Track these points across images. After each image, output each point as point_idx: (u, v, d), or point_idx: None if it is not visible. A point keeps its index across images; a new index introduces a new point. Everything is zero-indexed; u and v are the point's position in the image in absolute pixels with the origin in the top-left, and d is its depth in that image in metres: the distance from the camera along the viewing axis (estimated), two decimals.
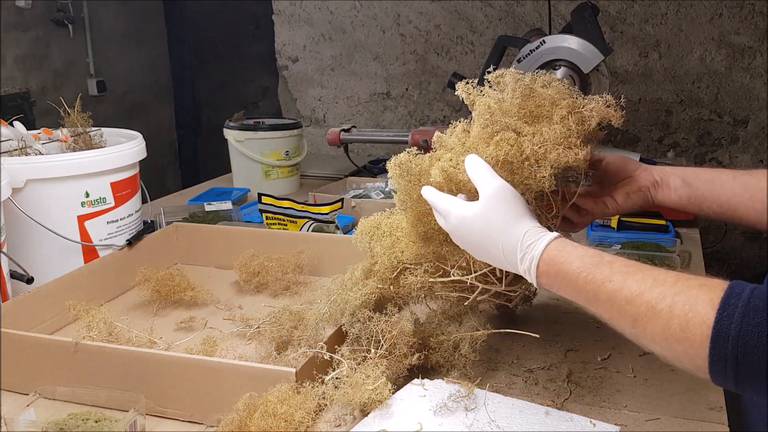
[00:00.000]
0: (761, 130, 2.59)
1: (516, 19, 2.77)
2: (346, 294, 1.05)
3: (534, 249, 0.82)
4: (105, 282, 1.31)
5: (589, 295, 0.77)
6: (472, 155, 0.90)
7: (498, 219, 0.85)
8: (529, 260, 0.82)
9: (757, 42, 2.51)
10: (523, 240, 0.83)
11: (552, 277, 0.81)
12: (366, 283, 1.04)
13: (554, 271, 0.80)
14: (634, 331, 0.73)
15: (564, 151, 0.92)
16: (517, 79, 0.97)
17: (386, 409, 0.90)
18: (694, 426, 0.89)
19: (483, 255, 0.88)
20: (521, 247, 0.83)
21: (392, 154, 1.05)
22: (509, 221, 0.84)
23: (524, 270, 0.83)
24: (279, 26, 3.13)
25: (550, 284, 0.82)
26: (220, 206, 1.75)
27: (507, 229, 0.84)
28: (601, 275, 0.76)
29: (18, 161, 1.30)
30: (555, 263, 0.80)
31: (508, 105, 0.94)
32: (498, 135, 0.91)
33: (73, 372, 0.96)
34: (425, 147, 1.86)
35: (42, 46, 3.11)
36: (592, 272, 0.77)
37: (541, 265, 0.81)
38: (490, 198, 0.86)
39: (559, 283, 0.81)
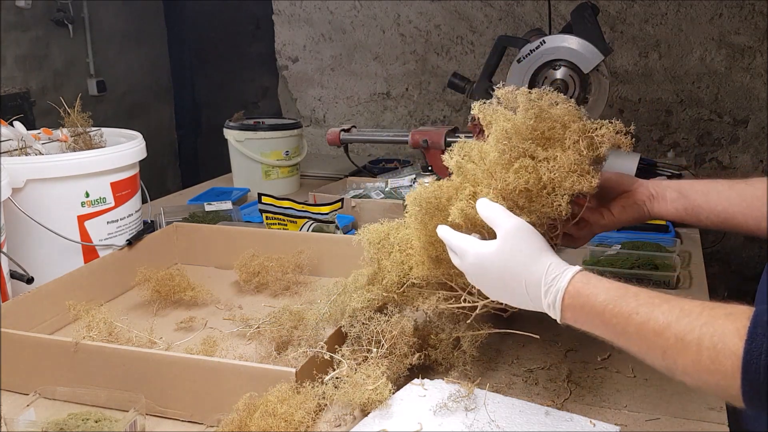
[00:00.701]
0: (761, 130, 2.59)
1: (516, 19, 2.77)
2: (349, 297, 1.05)
3: (559, 282, 0.80)
4: (105, 282, 1.31)
5: (617, 329, 0.76)
6: (483, 200, 0.89)
7: (518, 255, 0.83)
8: (553, 294, 0.80)
9: (757, 42, 2.51)
10: (547, 273, 0.81)
11: (578, 310, 0.79)
12: (370, 289, 1.04)
13: (580, 304, 0.79)
14: (664, 363, 0.73)
15: (578, 178, 0.91)
16: (530, 99, 0.96)
17: (386, 409, 0.90)
18: (694, 426, 0.89)
19: (501, 293, 0.86)
20: (545, 281, 0.81)
21: (392, 154, 1.04)
22: (530, 256, 0.83)
23: (548, 304, 0.81)
24: (279, 26, 3.13)
25: (576, 318, 0.80)
26: (220, 206, 1.75)
27: (529, 264, 0.83)
28: (628, 308, 0.75)
29: (18, 161, 1.30)
30: (580, 296, 0.79)
31: (522, 127, 0.94)
32: (517, 162, 0.91)
33: (73, 372, 0.96)
34: (425, 147, 1.86)
35: (42, 46, 3.11)
36: (618, 305, 0.76)
37: (567, 299, 0.80)
38: (509, 235, 0.84)
39: (584, 317, 0.79)
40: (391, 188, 1.82)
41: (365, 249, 1.07)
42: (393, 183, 1.85)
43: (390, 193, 1.79)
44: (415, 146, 1.90)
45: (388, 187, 1.84)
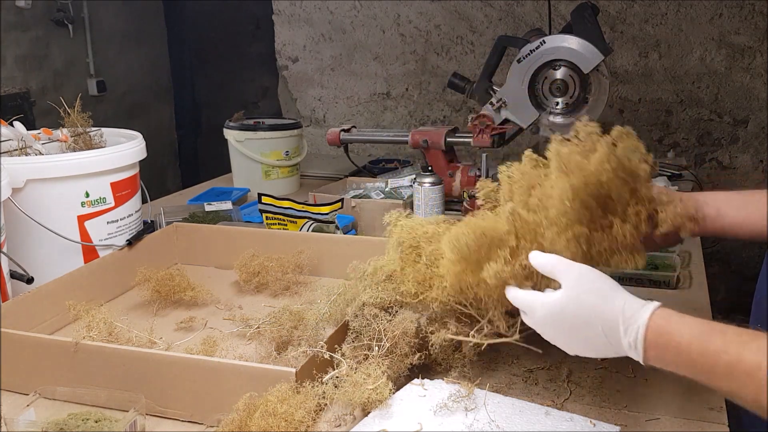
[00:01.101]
0: (761, 130, 2.59)
1: (516, 19, 2.77)
2: (362, 287, 1.03)
3: (638, 319, 0.77)
4: (105, 282, 1.31)
5: (705, 368, 0.73)
6: (536, 253, 0.86)
7: (590, 299, 0.80)
8: (634, 331, 0.76)
9: (757, 42, 2.51)
10: (624, 311, 0.78)
11: (662, 348, 0.76)
12: (385, 288, 1.02)
13: (663, 342, 0.75)
14: (756, 404, 0.71)
15: (627, 256, 0.89)
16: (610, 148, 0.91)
17: (386, 409, 0.90)
18: (694, 426, 0.89)
19: (578, 344, 0.83)
20: (623, 319, 0.77)
21: (392, 154, 1.03)
22: (603, 297, 0.80)
23: (629, 344, 0.77)
24: (279, 26, 3.13)
25: (660, 356, 0.76)
26: (220, 206, 1.75)
27: (601, 305, 0.79)
28: (715, 346, 0.72)
29: (18, 161, 1.30)
30: (663, 333, 0.76)
31: (592, 184, 0.88)
32: (571, 230, 0.86)
33: (73, 372, 0.96)
34: (425, 147, 1.86)
35: (42, 46, 3.11)
36: (704, 343, 0.73)
37: (649, 336, 0.76)
38: (574, 281, 0.81)
39: (669, 356, 0.76)
40: (391, 188, 1.82)
41: (390, 245, 1.05)
42: (393, 183, 1.85)
43: (390, 193, 1.79)
44: (415, 146, 1.90)
45: (388, 187, 1.84)
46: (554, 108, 1.77)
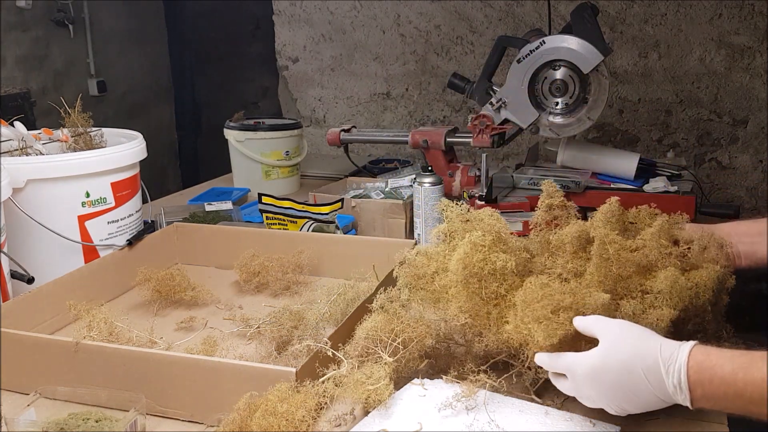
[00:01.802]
0: (761, 130, 2.59)
1: (516, 19, 2.77)
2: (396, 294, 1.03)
3: (678, 357, 0.77)
4: (105, 282, 1.32)
5: (754, 397, 0.72)
6: (578, 318, 0.86)
7: (628, 346, 0.80)
8: (677, 371, 0.76)
9: (757, 42, 2.51)
10: (662, 352, 0.78)
11: (707, 385, 0.75)
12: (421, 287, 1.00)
13: (708, 378, 0.75)
14: None
15: (655, 311, 0.92)
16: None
17: (386, 409, 0.90)
18: (693, 426, 0.89)
19: (623, 397, 0.81)
20: (662, 360, 0.77)
21: (392, 154, 1.03)
22: (640, 343, 0.80)
23: (674, 386, 0.77)
24: (279, 26, 3.13)
25: (707, 394, 0.76)
26: (220, 206, 1.75)
27: (641, 349, 0.79)
28: (761, 373, 0.72)
29: (18, 161, 1.30)
30: (706, 369, 0.75)
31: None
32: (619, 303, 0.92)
33: (73, 372, 0.96)
34: (425, 147, 1.86)
35: (42, 46, 3.11)
36: (749, 372, 0.73)
37: (692, 374, 0.76)
38: (611, 334, 0.82)
39: (716, 390, 0.75)
40: (391, 188, 1.82)
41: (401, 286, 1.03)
42: (393, 183, 1.86)
43: (390, 193, 1.79)
44: (415, 146, 1.90)
45: (388, 187, 1.84)
46: (554, 108, 1.77)
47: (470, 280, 0.92)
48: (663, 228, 1.00)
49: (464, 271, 0.91)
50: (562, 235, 1.01)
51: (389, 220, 1.64)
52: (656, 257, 0.98)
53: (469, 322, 0.94)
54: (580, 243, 0.99)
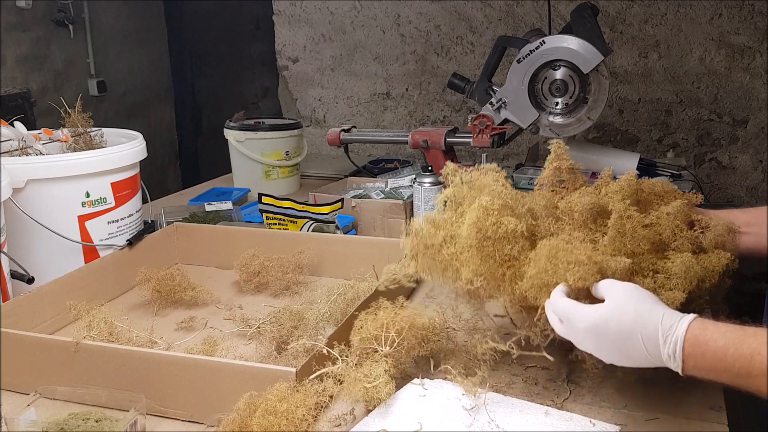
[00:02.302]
0: (761, 130, 2.59)
1: (516, 19, 2.77)
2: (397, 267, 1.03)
3: (677, 330, 0.79)
4: (105, 282, 1.32)
5: (741, 372, 0.75)
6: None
7: (631, 311, 0.82)
8: (672, 343, 0.79)
9: (757, 42, 2.51)
10: (663, 322, 0.81)
11: (699, 358, 0.78)
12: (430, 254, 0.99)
13: (701, 352, 0.78)
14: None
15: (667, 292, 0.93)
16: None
17: (386, 408, 0.90)
18: (694, 426, 0.89)
19: (617, 354, 0.84)
20: (662, 331, 0.80)
21: (392, 154, 1.03)
22: (644, 310, 0.82)
23: (668, 354, 0.80)
24: (279, 26, 3.13)
25: (698, 365, 0.79)
26: (220, 206, 1.75)
27: (643, 317, 0.82)
28: (749, 349, 0.75)
29: (18, 161, 1.30)
30: (700, 343, 0.78)
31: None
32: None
33: (73, 372, 0.96)
34: (425, 147, 1.86)
35: (42, 46, 3.11)
36: (739, 347, 0.75)
37: (687, 347, 0.79)
38: (619, 295, 0.84)
39: (707, 363, 0.78)
40: (391, 188, 1.83)
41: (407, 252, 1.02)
42: (393, 183, 1.86)
43: (390, 193, 1.79)
44: (415, 146, 1.90)
45: (388, 187, 1.84)
46: (554, 108, 1.77)
47: (484, 243, 0.92)
48: (681, 210, 1.02)
49: (478, 234, 0.92)
50: (571, 202, 1.00)
51: (389, 220, 1.64)
52: (669, 238, 0.99)
53: (483, 285, 0.94)
54: (592, 215, 0.98)
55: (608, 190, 1.03)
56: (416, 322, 0.97)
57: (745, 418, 1.18)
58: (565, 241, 0.91)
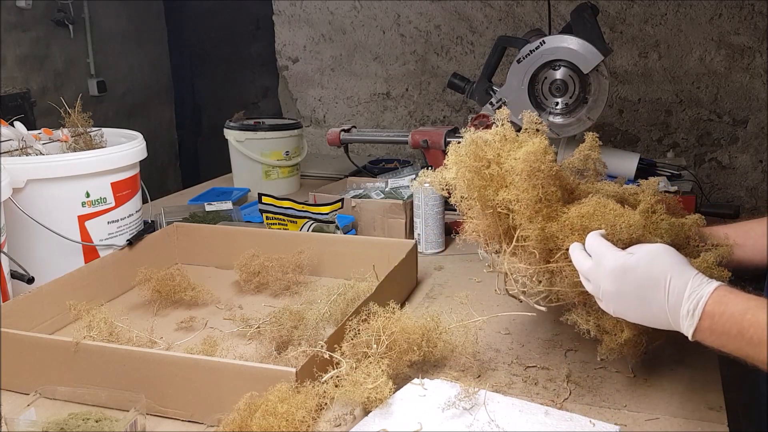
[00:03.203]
0: (761, 130, 2.59)
1: (516, 19, 2.77)
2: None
3: (704, 288, 0.81)
4: (105, 282, 1.32)
5: (753, 339, 0.76)
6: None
7: (665, 261, 0.84)
8: (696, 298, 0.80)
9: (757, 42, 2.51)
10: (693, 280, 0.82)
11: (716, 317, 0.79)
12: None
13: (720, 312, 0.79)
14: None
15: None
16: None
17: (386, 408, 0.90)
18: (693, 426, 0.89)
19: (635, 302, 0.85)
20: (691, 285, 0.81)
21: (392, 154, 1.04)
22: (677, 264, 0.84)
23: (688, 310, 0.80)
24: (279, 26, 3.13)
25: (713, 326, 0.79)
26: (220, 206, 1.75)
27: (675, 269, 0.83)
28: (765, 316, 0.75)
29: (18, 161, 1.30)
30: (722, 303, 0.79)
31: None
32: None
33: (73, 372, 0.96)
34: (425, 147, 1.86)
35: (42, 46, 3.11)
36: (757, 313, 0.76)
37: (709, 304, 0.79)
38: (656, 248, 0.86)
39: (722, 325, 0.78)
40: (391, 188, 1.82)
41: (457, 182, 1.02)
42: (393, 183, 1.86)
43: (390, 193, 1.79)
44: (415, 146, 1.90)
45: (388, 187, 1.84)
46: (554, 108, 1.77)
47: (535, 174, 0.95)
48: (695, 223, 1.06)
49: (534, 163, 0.94)
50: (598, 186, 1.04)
51: (389, 220, 1.64)
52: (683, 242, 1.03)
53: (519, 211, 0.95)
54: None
55: (629, 190, 1.07)
56: (408, 326, 0.98)
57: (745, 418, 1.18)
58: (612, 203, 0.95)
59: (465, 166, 0.98)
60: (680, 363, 1.05)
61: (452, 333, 1.03)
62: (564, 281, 0.97)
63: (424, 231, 1.57)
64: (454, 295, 1.22)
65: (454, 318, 1.04)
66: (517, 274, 0.99)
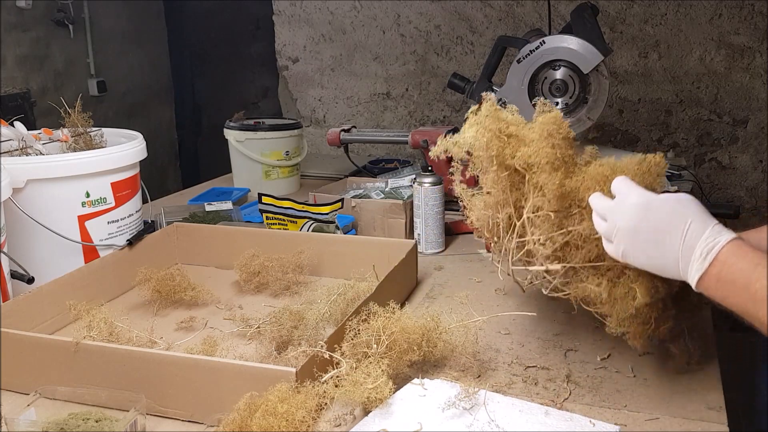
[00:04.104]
0: (761, 130, 2.59)
1: (516, 19, 2.77)
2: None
3: (724, 234, 0.81)
4: (105, 282, 1.32)
5: (757, 295, 0.76)
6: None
7: (689, 208, 0.84)
8: (714, 242, 0.80)
9: (757, 42, 2.51)
10: (713, 228, 0.82)
11: (728, 265, 0.79)
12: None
13: (733, 261, 0.79)
14: None
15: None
16: None
17: (386, 408, 0.90)
18: (693, 426, 0.89)
19: (648, 239, 0.85)
20: (710, 232, 0.81)
21: (392, 154, 1.05)
22: (701, 212, 0.84)
23: (702, 252, 0.80)
24: (279, 26, 3.13)
25: (721, 273, 0.79)
26: (220, 206, 1.75)
27: (698, 216, 0.83)
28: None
29: (18, 161, 1.30)
30: (736, 252, 0.79)
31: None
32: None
33: (73, 372, 0.96)
34: (425, 147, 1.86)
35: (42, 46, 3.11)
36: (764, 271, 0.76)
37: (725, 250, 0.79)
38: (683, 194, 0.87)
39: (731, 274, 0.78)
40: (391, 188, 1.82)
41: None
42: (393, 183, 1.86)
43: (390, 193, 1.79)
44: (415, 146, 1.90)
45: (388, 187, 1.84)
46: None
47: (553, 135, 0.98)
48: None
49: (552, 126, 0.98)
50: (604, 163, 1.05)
51: (389, 220, 1.64)
52: None
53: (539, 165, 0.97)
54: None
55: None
56: (408, 326, 0.97)
57: (745, 418, 1.18)
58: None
59: (484, 127, 1.00)
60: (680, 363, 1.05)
61: (452, 333, 1.03)
62: (578, 253, 0.96)
63: (424, 231, 1.57)
64: (454, 295, 1.22)
65: (454, 318, 1.04)
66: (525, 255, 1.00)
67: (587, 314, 1.17)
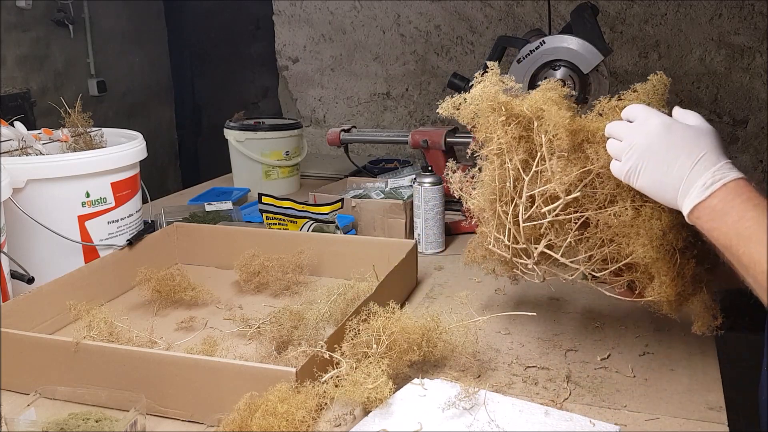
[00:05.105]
0: (761, 130, 2.59)
1: (516, 19, 2.77)
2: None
3: (730, 173, 0.81)
4: (105, 282, 1.32)
5: (745, 232, 0.76)
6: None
7: (708, 140, 0.85)
8: (719, 177, 0.81)
9: (757, 42, 2.51)
10: (725, 165, 0.82)
11: (728, 200, 0.79)
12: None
13: (732, 196, 0.79)
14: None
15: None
16: None
17: (386, 408, 0.90)
18: (693, 426, 0.89)
19: (660, 159, 0.85)
20: (720, 166, 0.82)
21: (392, 154, 1.05)
22: (718, 147, 0.85)
23: (706, 181, 0.81)
24: (279, 26, 3.13)
25: (716, 205, 0.80)
26: (220, 206, 1.75)
27: (714, 150, 0.84)
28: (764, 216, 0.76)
29: (18, 161, 1.30)
30: (741, 187, 0.80)
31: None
32: None
33: (73, 372, 0.96)
34: (425, 147, 1.86)
35: (42, 46, 3.11)
36: (762, 211, 0.77)
37: (731, 185, 0.80)
38: (708, 126, 0.89)
39: (729, 207, 0.79)
40: (391, 188, 1.83)
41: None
42: (393, 183, 1.86)
43: (390, 193, 1.79)
44: (415, 146, 1.90)
45: (388, 187, 1.84)
46: None
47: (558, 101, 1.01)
48: None
49: (554, 92, 1.03)
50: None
51: (389, 220, 1.64)
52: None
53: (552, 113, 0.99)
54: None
55: None
56: (408, 326, 0.98)
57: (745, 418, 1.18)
58: None
59: (491, 82, 1.05)
60: (680, 363, 1.05)
61: (452, 333, 1.03)
62: (593, 202, 0.97)
63: (424, 231, 1.57)
64: (454, 295, 1.22)
65: (454, 318, 1.04)
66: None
67: (587, 314, 1.17)
